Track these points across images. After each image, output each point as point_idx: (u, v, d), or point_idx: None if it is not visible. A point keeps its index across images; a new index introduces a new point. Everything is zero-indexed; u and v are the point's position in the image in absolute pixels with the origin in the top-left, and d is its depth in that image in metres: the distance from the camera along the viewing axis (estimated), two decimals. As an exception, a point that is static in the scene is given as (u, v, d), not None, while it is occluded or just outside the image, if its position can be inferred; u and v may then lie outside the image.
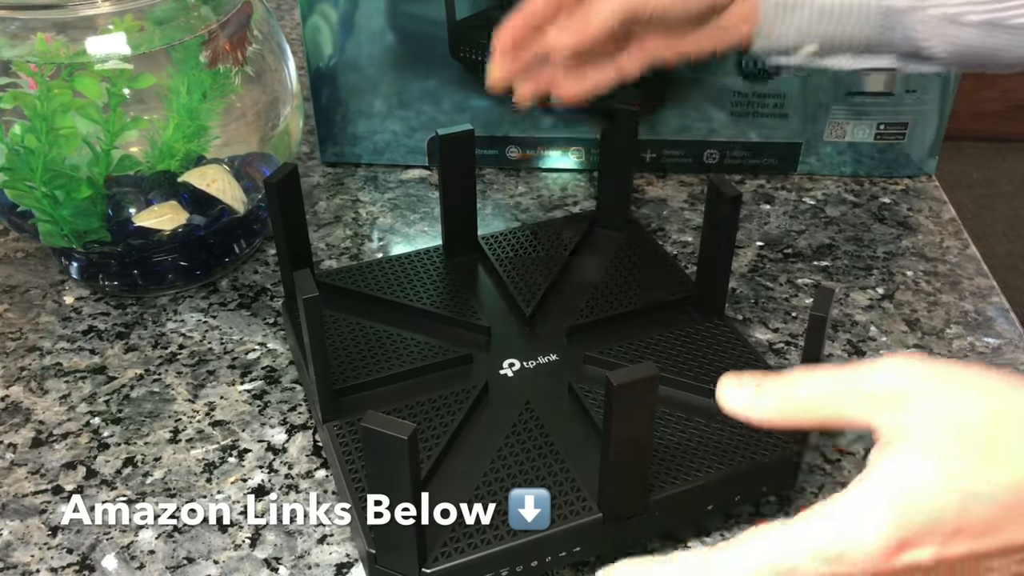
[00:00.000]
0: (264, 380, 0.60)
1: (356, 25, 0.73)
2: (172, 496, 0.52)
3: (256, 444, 0.55)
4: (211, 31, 0.61)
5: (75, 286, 0.68)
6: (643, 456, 0.44)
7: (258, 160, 0.67)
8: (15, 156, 0.58)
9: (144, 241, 0.63)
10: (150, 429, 0.56)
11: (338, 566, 0.49)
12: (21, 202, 0.61)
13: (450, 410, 0.51)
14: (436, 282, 0.60)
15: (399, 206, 0.76)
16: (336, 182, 0.79)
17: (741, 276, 0.68)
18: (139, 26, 0.59)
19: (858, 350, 0.62)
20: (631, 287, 0.60)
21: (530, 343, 0.57)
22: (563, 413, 0.52)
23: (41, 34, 0.57)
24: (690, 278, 0.61)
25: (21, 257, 0.71)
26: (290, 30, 0.96)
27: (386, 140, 0.79)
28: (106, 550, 0.50)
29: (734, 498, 0.49)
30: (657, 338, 0.56)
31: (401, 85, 0.76)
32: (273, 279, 0.68)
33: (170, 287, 0.67)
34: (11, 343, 0.63)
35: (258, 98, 0.66)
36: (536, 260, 0.62)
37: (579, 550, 0.46)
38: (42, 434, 0.56)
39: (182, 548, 0.50)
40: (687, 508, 0.48)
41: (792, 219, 0.74)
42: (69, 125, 0.57)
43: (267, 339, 0.63)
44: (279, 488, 0.53)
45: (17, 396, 0.59)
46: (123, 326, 0.64)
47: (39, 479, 0.53)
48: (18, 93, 0.57)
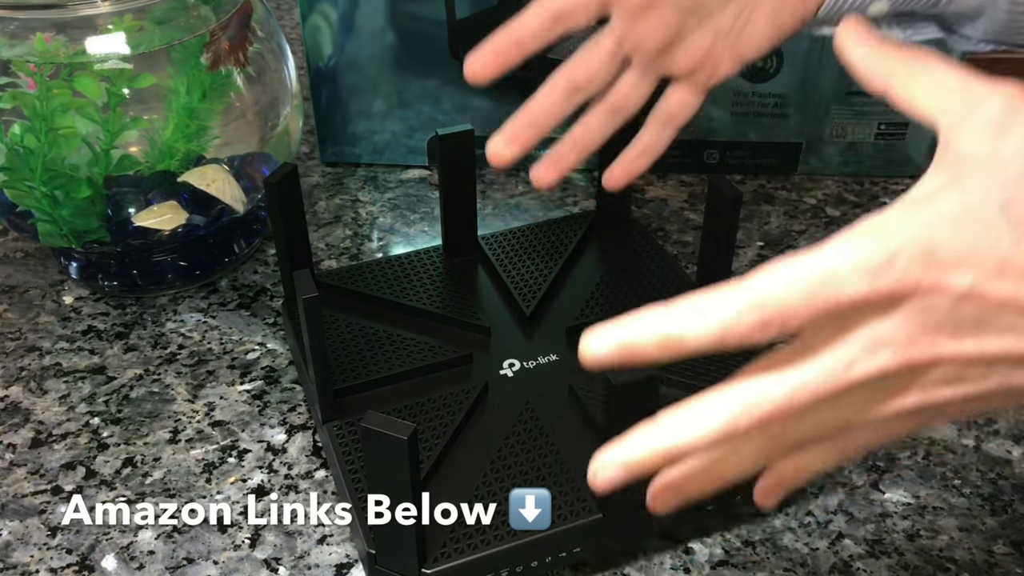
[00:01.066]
0: (264, 380, 0.60)
1: (356, 25, 0.73)
2: (172, 496, 0.52)
3: (256, 444, 0.55)
4: (212, 33, 0.61)
5: (75, 286, 0.68)
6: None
7: (258, 160, 0.67)
8: (15, 156, 0.58)
9: (144, 241, 0.63)
10: (150, 429, 0.56)
11: (338, 566, 0.49)
12: (21, 202, 0.61)
13: (450, 410, 0.51)
14: (436, 282, 0.60)
15: (399, 206, 0.76)
16: (336, 182, 0.79)
17: (741, 276, 0.68)
18: (139, 26, 0.58)
19: (858, 350, 0.62)
20: (631, 287, 0.60)
21: (530, 343, 0.56)
22: (563, 413, 0.52)
23: (40, 34, 0.57)
24: (690, 278, 0.61)
25: (21, 257, 0.71)
26: (290, 30, 0.96)
27: (386, 140, 0.79)
28: (105, 550, 0.49)
29: (734, 498, 0.49)
30: (657, 338, 0.56)
31: (401, 85, 0.76)
32: (273, 279, 0.68)
33: (170, 287, 0.67)
34: (11, 343, 0.63)
35: (258, 98, 0.66)
36: (536, 260, 0.62)
37: (579, 550, 0.46)
38: (41, 434, 0.56)
39: (182, 548, 0.49)
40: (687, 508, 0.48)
41: (792, 219, 0.74)
42: (68, 125, 0.57)
43: (267, 339, 0.63)
44: (279, 488, 0.53)
45: (17, 396, 0.59)
46: (123, 326, 0.64)
47: (39, 479, 0.53)
48: (17, 93, 0.57)
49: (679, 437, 0.32)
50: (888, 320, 0.30)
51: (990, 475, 0.54)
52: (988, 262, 0.29)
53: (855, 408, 0.32)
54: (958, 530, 0.51)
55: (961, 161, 0.30)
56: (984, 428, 0.57)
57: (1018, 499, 0.52)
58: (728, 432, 0.31)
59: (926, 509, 0.52)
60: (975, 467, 0.54)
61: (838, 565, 0.49)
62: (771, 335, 0.30)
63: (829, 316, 0.30)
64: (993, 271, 0.29)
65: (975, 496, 0.52)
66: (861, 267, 0.29)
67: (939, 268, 0.29)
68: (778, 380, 0.31)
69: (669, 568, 0.49)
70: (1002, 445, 0.55)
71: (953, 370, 0.31)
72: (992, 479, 0.53)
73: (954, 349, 0.30)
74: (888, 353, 0.30)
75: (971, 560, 0.49)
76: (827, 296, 0.29)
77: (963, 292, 0.29)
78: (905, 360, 0.30)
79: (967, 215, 0.29)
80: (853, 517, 0.51)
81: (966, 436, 0.56)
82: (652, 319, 0.31)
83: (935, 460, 0.55)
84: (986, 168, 0.30)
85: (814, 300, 0.29)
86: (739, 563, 0.49)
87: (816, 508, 0.52)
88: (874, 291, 0.29)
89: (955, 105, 0.31)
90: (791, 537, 0.50)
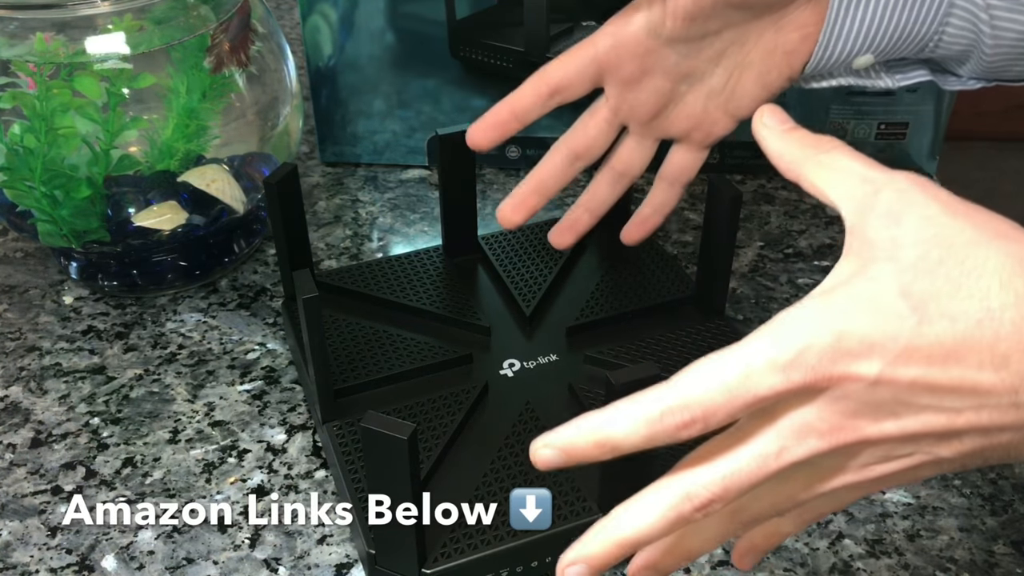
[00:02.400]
0: (264, 380, 0.60)
1: (356, 25, 0.73)
2: (171, 496, 0.52)
3: (256, 444, 0.55)
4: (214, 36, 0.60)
5: (74, 286, 0.68)
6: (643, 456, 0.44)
7: (258, 160, 0.67)
8: (14, 156, 0.58)
9: (143, 241, 0.63)
10: (149, 429, 0.56)
11: (338, 566, 0.49)
12: (20, 202, 0.61)
13: (450, 410, 0.51)
14: (436, 282, 0.60)
15: (399, 206, 0.76)
16: (336, 182, 0.79)
17: (741, 276, 0.68)
18: (139, 26, 0.58)
19: (858, 350, 0.62)
20: (631, 287, 0.60)
21: (530, 343, 0.56)
22: (563, 413, 0.51)
23: (40, 34, 0.57)
24: (690, 278, 0.61)
25: (21, 257, 0.71)
26: (290, 30, 0.96)
27: (386, 140, 0.79)
28: (105, 550, 0.49)
29: (734, 498, 0.49)
30: (657, 338, 0.56)
31: (401, 85, 0.76)
32: (273, 279, 0.68)
33: (169, 287, 0.67)
34: (10, 343, 0.63)
35: (258, 98, 0.66)
36: (536, 260, 0.62)
37: (579, 550, 0.46)
38: (41, 434, 0.56)
39: (181, 548, 0.49)
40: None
41: (792, 219, 0.74)
42: (68, 125, 0.57)
43: (267, 339, 0.63)
44: (279, 488, 0.53)
45: (16, 396, 0.59)
46: (122, 326, 0.64)
47: (38, 479, 0.53)
48: (17, 93, 0.57)
49: (633, 529, 0.35)
50: (811, 408, 0.32)
51: (990, 475, 0.54)
52: (894, 348, 0.30)
53: (799, 486, 0.35)
54: (958, 530, 0.51)
55: (866, 249, 0.32)
56: (984, 428, 0.56)
57: (1018, 499, 0.52)
58: (676, 520, 0.34)
59: (926, 509, 0.52)
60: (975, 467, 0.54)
61: (838, 565, 0.49)
62: (697, 432, 0.33)
63: (751, 409, 0.32)
64: (899, 356, 0.30)
65: (975, 496, 0.52)
66: (775, 363, 0.31)
67: (849, 358, 0.31)
68: (714, 467, 0.33)
69: (669, 568, 0.49)
70: (1002, 445, 0.55)
71: (881, 450, 0.33)
72: (992, 479, 0.53)
73: (877, 431, 0.32)
74: (815, 439, 0.32)
75: (971, 560, 0.49)
76: (744, 393, 0.31)
77: (873, 379, 0.31)
78: (831, 444, 0.32)
79: (872, 303, 0.31)
80: (853, 517, 0.51)
81: (966, 436, 0.56)
82: (587, 426, 0.34)
83: (935, 460, 0.55)
84: (886, 256, 0.31)
85: (733, 398, 0.31)
86: (739, 563, 0.49)
87: (816, 508, 0.52)
88: (789, 385, 0.31)
89: (858, 194, 0.33)
90: (791, 537, 0.50)
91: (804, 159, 0.35)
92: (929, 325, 0.30)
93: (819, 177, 0.35)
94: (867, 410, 0.32)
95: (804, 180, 0.36)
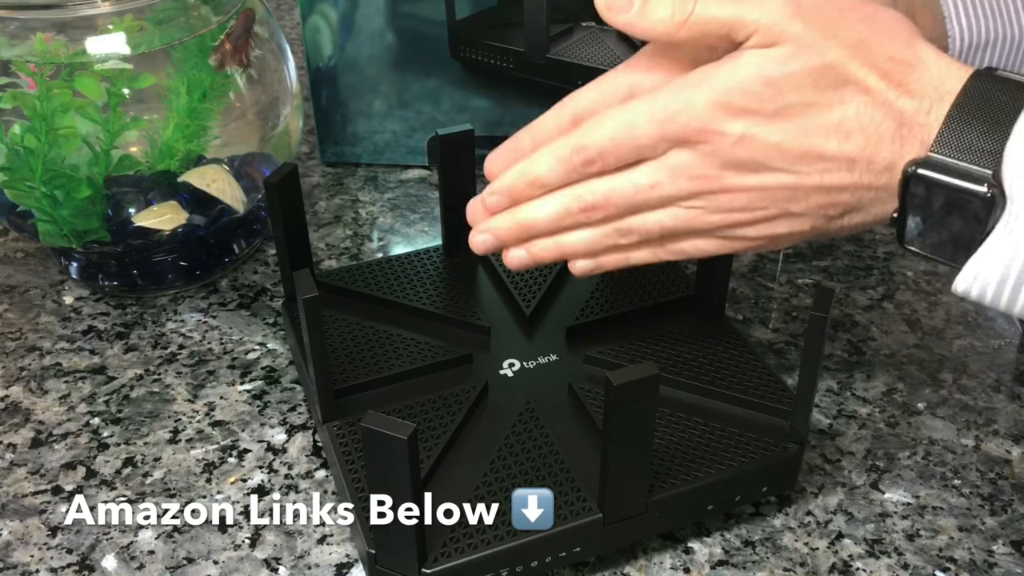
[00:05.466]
0: (264, 380, 0.60)
1: (356, 25, 0.73)
2: (172, 496, 0.52)
3: (256, 444, 0.55)
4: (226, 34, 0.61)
5: (75, 286, 0.68)
6: (643, 456, 0.44)
7: (258, 160, 0.67)
8: (15, 156, 0.58)
9: (144, 241, 0.63)
10: (150, 429, 0.56)
11: (338, 566, 0.49)
12: (21, 202, 0.61)
13: (450, 410, 0.51)
14: (436, 282, 0.60)
15: (399, 206, 0.76)
16: (336, 182, 0.79)
17: (741, 276, 0.68)
18: (139, 26, 0.59)
19: (858, 350, 0.62)
20: (631, 287, 0.60)
21: (530, 343, 0.57)
22: (563, 413, 0.52)
23: (40, 34, 0.57)
24: (690, 278, 0.61)
25: (21, 257, 0.71)
26: (290, 30, 0.96)
27: (386, 140, 0.79)
28: (106, 550, 0.50)
29: (734, 498, 0.49)
30: (657, 338, 0.56)
31: (401, 85, 0.76)
32: (273, 279, 0.68)
33: (170, 287, 0.67)
34: (11, 343, 0.63)
35: (258, 98, 0.66)
36: (536, 260, 0.62)
37: (579, 550, 0.46)
38: (42, 434, 0.56)
39: (182, 548, 0.50)
40: (687, 508, 0.48)
41: (792, 219, 0.74)
42: (69, 125, 0.57)
43: (267, 339, 0.63)
44: (279, 488, 0.53)
45: (17, 396, 0.59)
46: (123, 326, 0.64)
47: (39, 479, 0.53)
48: (18, 93, 0.57)
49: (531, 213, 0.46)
50: (687, 156, 0.41)
51: (990, 475, 0.54)
52: (761, 114, 0.39)
53: (671, 217, 0.43)
54: (958, 530, 0.51)
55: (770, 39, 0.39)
56: (984, 428, 0.57)
57: (1018, 499, 0.52)
58: (565, 214, 0.45)
59: (926, 509, 0.52)
60: (975, 467, 0.54)
61: (838, 565, 0.49)
62: (598, 168, 0.43)
63: (638, 154, 0.42)
64: (764, 120, 0.39)
65: (975, 496, 0.53)
66: (653, 118, 0.41)
67: (722, 119, 0.40)
68: (604, 181, 0.43)
69: (669, 568, 0.49)
70: (1001, 445, 0.56)
71: (740, 200, 0.42)
72: (992, 479, 0.54)
73: (738, 182, 0.41)
74: (684, 180, 0.42)
75: (971, 560, 0.49)
76: (628, 140, 0.41)
77: (736, 137, 0.40)
78: (698, 188, 0.42)
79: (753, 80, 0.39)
80: (853, 517, 0.51)
81: (966, 436, 0.56)
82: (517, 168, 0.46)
83: (935, 460, 0.55)
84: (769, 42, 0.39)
85: (619, 143, 0.42)
86: (739, 563, 0.49)
87: (816, 508, 0.52)
88: (664, 135, 0.41)
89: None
90: (791, 537, 0.50)
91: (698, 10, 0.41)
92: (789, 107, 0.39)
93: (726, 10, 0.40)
94: (731, 165, 0.41)
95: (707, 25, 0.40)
